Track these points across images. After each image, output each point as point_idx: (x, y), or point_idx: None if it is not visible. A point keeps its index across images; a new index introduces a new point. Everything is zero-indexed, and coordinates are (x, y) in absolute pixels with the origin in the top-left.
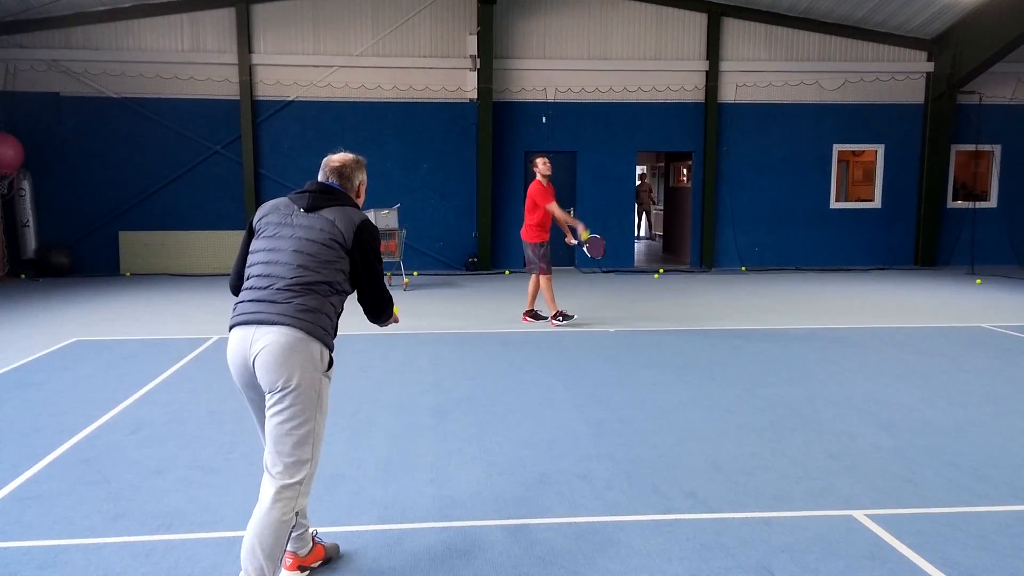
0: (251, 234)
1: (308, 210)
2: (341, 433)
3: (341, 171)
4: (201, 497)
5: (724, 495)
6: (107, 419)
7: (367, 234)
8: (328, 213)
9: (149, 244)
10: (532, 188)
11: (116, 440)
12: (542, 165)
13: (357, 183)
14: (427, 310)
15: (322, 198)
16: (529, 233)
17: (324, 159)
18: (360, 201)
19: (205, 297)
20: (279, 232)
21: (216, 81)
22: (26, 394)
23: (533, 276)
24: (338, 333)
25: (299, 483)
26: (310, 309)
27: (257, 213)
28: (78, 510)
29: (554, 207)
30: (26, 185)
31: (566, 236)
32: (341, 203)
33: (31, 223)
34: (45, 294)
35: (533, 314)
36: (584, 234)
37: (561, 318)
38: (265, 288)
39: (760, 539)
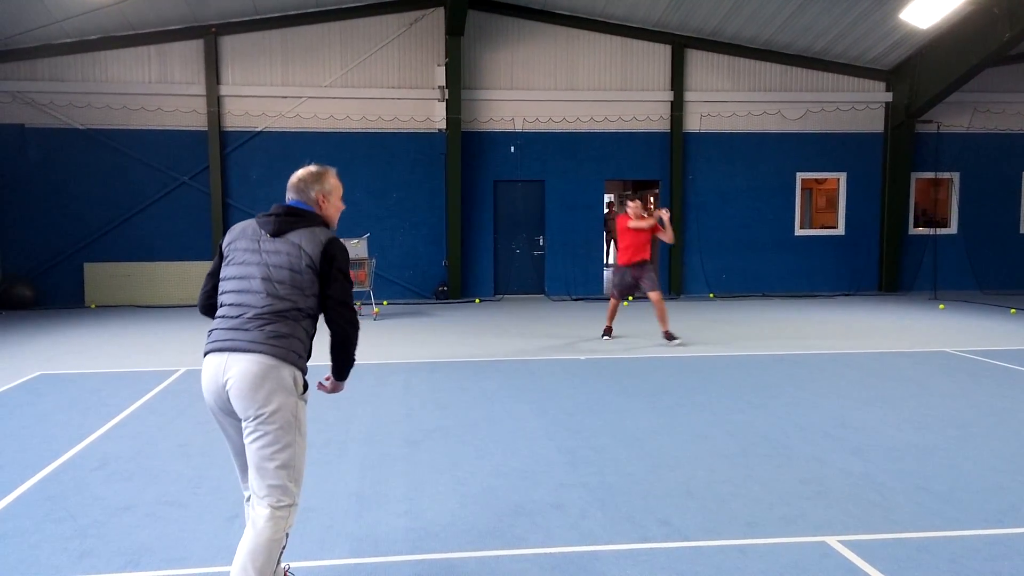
0: (221, 258)
1: (274, 235)
2: (312, 465)
3: (298, 186)
4: (169, 533)
5: (698, 523)
6: (72, 454)
7: (334, 250)
8: (295, 236)
9: (115, 275)
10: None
11: (82, 476)
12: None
13: (314, 194)
14: (397, 339)
15: (288, 221)
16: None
17: None
18: (327, 210)
19: (172, 329)
20: (247, 259)
21: (184, 112)
22: None
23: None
24: (311, 357)
25: (289, 505)
26: (282, 335)
27: (226, 237)
28: (43, 549)
29: (634, 224)
30: None
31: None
32: (307, 224)
33: None
34: (8, 327)
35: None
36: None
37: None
38: (237, 317)
39: (735, 567)
